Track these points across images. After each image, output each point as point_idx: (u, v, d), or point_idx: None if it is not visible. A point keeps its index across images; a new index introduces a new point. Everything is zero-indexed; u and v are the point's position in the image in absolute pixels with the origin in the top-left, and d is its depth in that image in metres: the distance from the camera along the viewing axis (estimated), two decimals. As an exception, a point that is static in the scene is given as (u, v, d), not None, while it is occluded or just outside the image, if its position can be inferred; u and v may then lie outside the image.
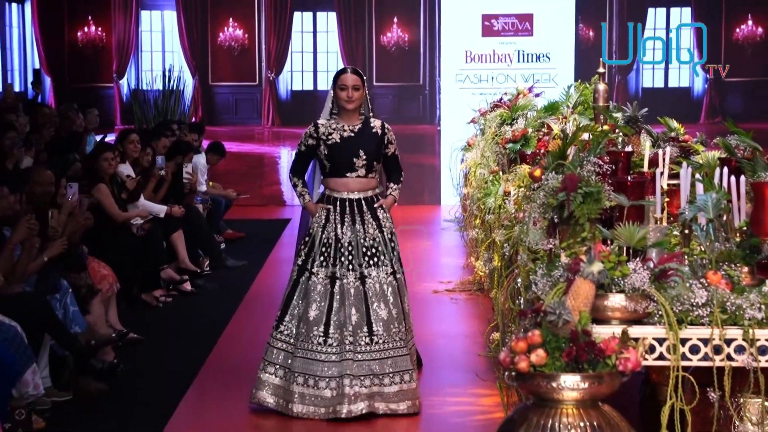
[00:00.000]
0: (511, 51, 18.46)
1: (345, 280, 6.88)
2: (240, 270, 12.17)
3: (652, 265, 5.08)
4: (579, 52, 18.56)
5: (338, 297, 6.86)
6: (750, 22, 20.09)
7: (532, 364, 4.79)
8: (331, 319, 6.83)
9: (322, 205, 7.05)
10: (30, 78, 20.11)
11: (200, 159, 13.60)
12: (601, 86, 7.38)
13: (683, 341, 4.98)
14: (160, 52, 20.73)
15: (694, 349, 5.00)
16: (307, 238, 7.04)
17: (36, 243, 7.53)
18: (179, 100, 20.14)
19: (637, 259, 5.12)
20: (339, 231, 6.95)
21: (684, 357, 4.98)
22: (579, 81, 9.95)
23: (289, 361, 6.85)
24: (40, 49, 20.58)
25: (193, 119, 19.50)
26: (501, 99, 11.97)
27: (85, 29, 20.72)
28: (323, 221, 6.99)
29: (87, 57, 20.51)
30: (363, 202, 7.06)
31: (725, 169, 5.62)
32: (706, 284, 5.02)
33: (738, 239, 5.36)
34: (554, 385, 4.79)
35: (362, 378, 6.73)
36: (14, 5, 20.57)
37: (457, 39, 18.42)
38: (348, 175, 7.04)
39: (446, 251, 13.42)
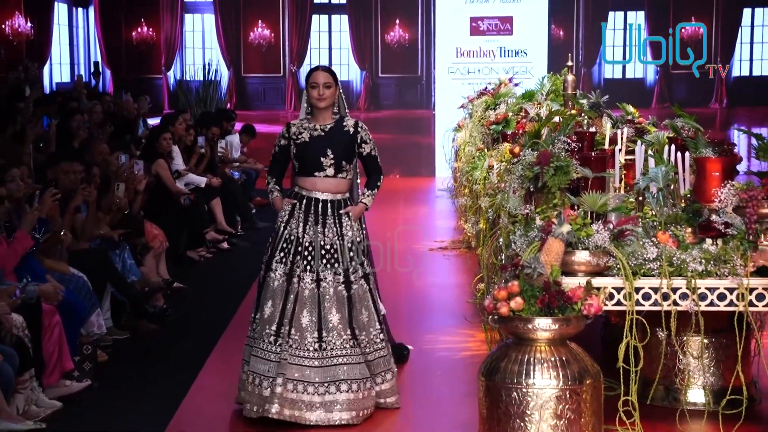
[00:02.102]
0: (494, 48, 18.39)
1: (302, 282, 5.64)
2: (268, 230, 12.12)
3: (611, 226, 5.09)
4: (551, 49, 18.50)
5: (292, 297, 5.62)
6: (693, 21, 19.97)
7: (512, 309, 4.81)
8: (284, 318, 5.60)
9: (288, 199, 5.85)
10: (91, 69, 20.09)
11: (234, 138, 13.58)
12: (570, 77, 7.36)
13: (637, 290, 4.99)
14: (200, 48, 20.70)
15: (646, 296, 5.01)
16: (273, 234, 5.87)
17: (103, 207, 7.56)
18: (216, 89, 20.13)
19: (599, 221, 5.13)
20: (300, 230, 5.72)
21: (638, 303, 4.99)
22: (551, 73, 9.90)
23: (251, 357, 5.71)
24: (101, 45, 20.54)
25: (228, 105, 19.51)
26: (486, 88, 11.93)
27: (139, 29, 20.67)
28: (286, 217, 5.80)
29: (140, 52, 20.47)
30: (329, 204, 5.79)
31: (673, 147, 5.61)
32: (657, 242, 5.03)
33: (683, 205, 5.37)
34: (530, 326, 4.81)
35: (296, 383, 5.52)
36: (80, 9, 20.54)
37: (449, 37, 18.38)
38: (316, 174, 5.79)
39: (440, 215, 13.40)
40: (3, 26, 17.41)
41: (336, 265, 5.68)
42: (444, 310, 8.23)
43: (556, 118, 6.68)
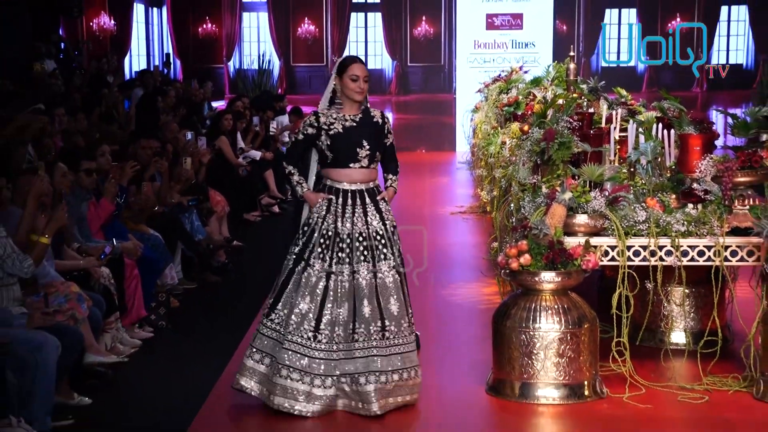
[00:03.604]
0: (507, 40, 18.25)
1: (340, 277, 4.76)
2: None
3: (607, 193, 5.06)
4: (555, 41, 18.35)
5: (332, 293, 4.74)
6: (678, 18, 19.75)
7: (521, 264, 4.81)
8: (323, 315, 4.73)
9: (324, 194, 4.86)
10: (163, 60, 20.17)
11: (284, 119, 13.59)
12: (572, 65, 7.28)
13: (629, 247, 4.96)
14: (256, 42, 20.69)
15: (636, 253, 4.99)
16: (306, 228, 4.90)
17: (174, 177, 7.60)
18: (269, 77, 20.14)
19: (597, 189, 5.10)
20: (339, 224, 4.80)
21: (629, 259, 4.97)
22: (555, 62, 9.81)
23: (276, 349, 4.78)
24: (172, 39, 20.58)
25: (279, 90, 19.50)
26: (499, 75, 11.84)
27: (204, 25, 20.70)
28: (324, 212, 4.84)
29: (205, 45, 20.51)
30: (366, 193, 4.88)
31: (660, 125, 5.56)
32: (646, 207, 5.00)
33: (668, 175, 5.33)
34: (536, 279, 4.81)
35: (367, 375, 4.69)
36: (155, 8, 20.58)
37: (468, 31, 18.25)
38: (351, 165, 4.84)
39: (459, 185, 13.35)
40: (91, 24, 17.47)
41: (386, 251, 4.79)
42: (463, 265, 8.23)
43: (560, 101, 6.63)
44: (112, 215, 6.42)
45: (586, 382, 4.80)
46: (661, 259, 4.95)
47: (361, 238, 4.79)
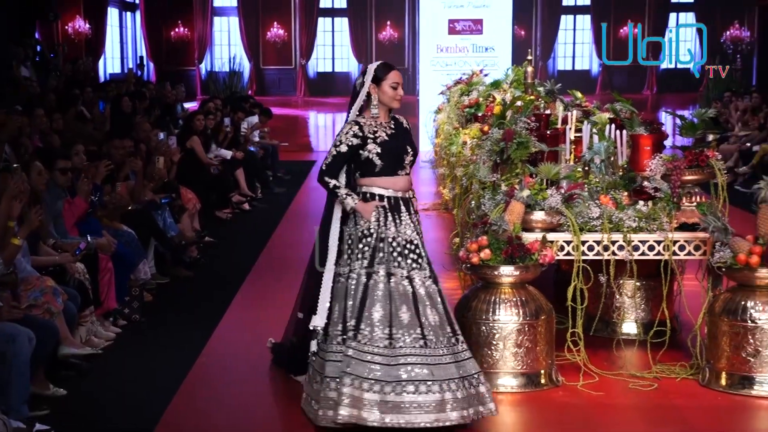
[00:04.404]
0: (468, 45, 18.31)
1: (393, 279, 4.40)
2: (283, 195, 12.17)
3: (563, 191, 5.08)
4: (514, 46, 18.44)
5: (396, 296, 4.36)
6: (630, 24, 19.91)
7: (481, 259, 4.82)
8: (395, 319, 4.32)
9: (376, 203, 4.49)
10: (137, 62, 19.97)
11: (254, 119, 13.53)
12: (529, 68, 7.30)
13: (583, 242, 4.99)
14: (227, 45, 20.56)
15: (590, 248, 5.02)
16: (369, 239, 4.44)
17: (147, 176, 7.53)
18: (240, 79, 20.03)
19: (553, 187, 5.12)
20: (392, 230, 4.47)
21: (583, 253, 5.00)
22: (514, 65, 9.85)
23: (357, 368, 4.23)
24: (146, 43, 20.37)
25: (249, 92, 19.41)
26: (461, 78, 11.87)
27: (176, 29, 20.53)
28: (375, 221, 4.46)
29: (177, 48, 20.34)
30: (402, 202, 4.56)
31: (613, 126, 5.60)
32: (599, 204, 5.03)
33: (621, 173, 5.36)
34: (496, 273, 4.82)
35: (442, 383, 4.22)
36: (128, 12, 20.38)
37: (431, 36, 18.30)
38: (399, 173, 4.53)
39: (423, 182, 13.36)
40: (66, 27, 17.27)
41: (421, 261, 4.46)
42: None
43: (518, 103, 6.65)
44: (87, 213, 6.34)
45: (542, 371, 4.82)
46: (613, 253, 4.99)
47: (404, 246, 4.46)
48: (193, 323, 6.20)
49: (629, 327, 5.69)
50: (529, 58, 7.52)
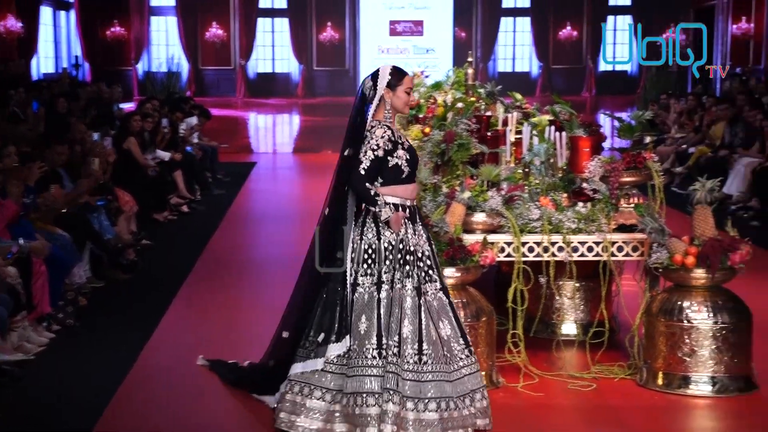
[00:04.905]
0: (409, 46, 18.41)
1: (428, 294, 4.31)
2: (222, 197, 12.07)
3: (503, 192, 5.12)
4: (455, 47, 18.55)
5: (425, 309, 4.27)
6: (569, 27, 20.17)
7: (422, 259, 4.81)
8: (424, 334, 4.24)
9: (402, 213, 4.33)
10: (72, 62, 19.60)
11: (192, 120, 13.39)
12: (470, 70, 7.35)
13: (523, 244, 5.03)
14: (165, 45, 20.31)
15: (531, 249, 5.06)
16: (397, 251, 4.27)
17: (82, 178, 7.40)
18: (178, 79, 19.81)
19: (494, 189, 5.16)
20: (414, 240, 4.33)
21: (524, 255, 5.04)
22: (455, 67, 9.90)
23: (398, 385, 4.14)
24: (81, 42, 20.01)
25: (188, 92, 19.21)
26: (401, 79, 11.88)
27: (113, 29, 20.21)
28: (404, 231, 4.32)
29: (113, 48, 20.03)
30: (416, 210, 4.46)
31: (552, 128, 5.66)
32: (539, 205, 5.08)
33: (560, 175, 5.42)
34: (437, 273, 4.82)
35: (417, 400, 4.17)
36: (63, 11, 19.99)
37: (372, 37, 18.35)
38: (414, 181, 4.43)
39: (364, 183, 13.36)
40: (-4, 25, 16.87)
41: (431, 272, 4.33)
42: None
43: (459, 104, 6.68)
44: (18, 215, 6.20)
45: (483, 373, 4.84)
46: (553, 254, 5.04)
47: (420, 257, 4.33)
48: (129, 327, 6.10)
49: (569, 328, 5.76)
50: (470, 59, 7.57)
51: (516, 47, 20.53)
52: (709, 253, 4.72)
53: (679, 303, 4.81)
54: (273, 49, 20.72)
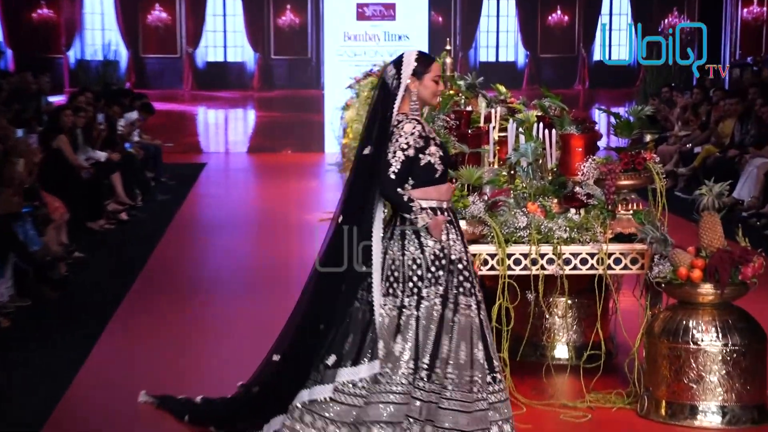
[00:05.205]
0: (379, 32, 18.44)
1: (459, 308, 4.30)
2: (167, 203, 12.03)
3: (486, 197, 5.13)
4: (431, 33, 18.62)
5: (456, 326, 4.28)
6: (559, 11, 20.31)
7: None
8: (459, 356, 4.27)
9: (443, 217, 4.31)
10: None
11: (133, 115, 13.33)
12: (448, 60, 7.36)
13: (509, 255, 5.04)
14: (100, 30, 20.17)
15: (517, 262, 5.07)
16: (443, 261, 4.26)
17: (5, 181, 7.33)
18: (116, 69, 19.70)
19: (475, 193, 5.17)
20: (458, 247, 4.34)
21: (509, 268, 5.05)
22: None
23: (432, 412, 4.23)
24: (3, 26, 19.81)
25: (127, 84, 19.11)
26: (371, 69, 11.91)
27: (39, 11, 20.05)
28: (446, 238, 4.32)
29: (41, 33, 19.87)
30: (453, 213, 4.46)
31: (541, 124, 5.68)
32: (526, 212, 5.09)
33: (550, 177, 5.44)
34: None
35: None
36: (-20, -10, 19.79)
37: (337, 22, 18.37)
38: (447, 179, 4.44)
39: (329, 188, 13.36)
40: None
41: (468, 285, 4.32)
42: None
43: (436, 98, 6.68)
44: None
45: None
46: (542, 267, 5.05)
47: (463, 264, 4.33)
48: (58, 353, 6.03)
49: (560, 351, 5.78)
50: (448, 47, 7.58)
51: (500, 34, 20.63)
52: (717, 265, 4.76)
53: (685, 322, 4.84)
54: (225, 35, 20.65)
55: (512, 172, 5.54)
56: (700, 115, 13.83)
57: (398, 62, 4.41)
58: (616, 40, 20.18)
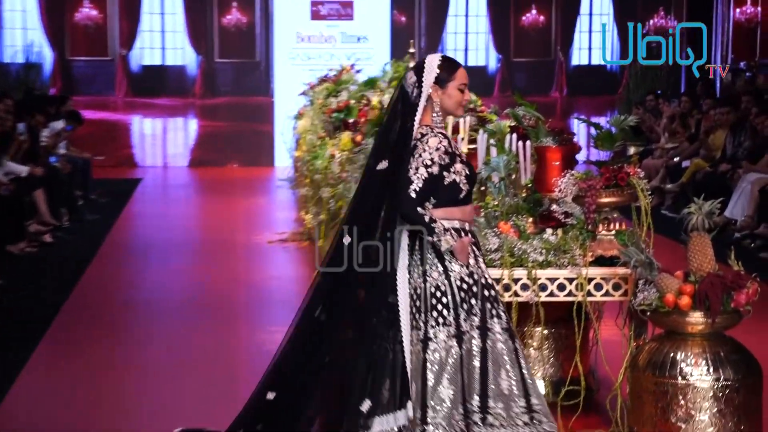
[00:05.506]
0: (336, 33, 18.49)
1: (493, 335, 4.36)
2: (97, 223, 11.94)
3: (453, 217, 5.13)
4: (393, 34, 18.68)
5: (490, 356, 4.34)
6: (534, 11, 20.46)
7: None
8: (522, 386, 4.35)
9: (468, 239, 4.35)
10: None
11: (59, 125, 13.24)
12: (412, 64, 7.41)
13: (479, 281, 5.03)
14: (21, 29, 20.02)
15: (488, 288, 5.07)
16: (474, 288, 4.33)
17: None
18: (39, 73, 19.55)
19: (441, 212, 5.17)
20: (481, 271, 4.42)
21: (479, 295, 5.04)
22: (393, 59, 9.97)
23: None
24: None
25: (52, 90, 18.98)
26: (327, 74, 11.96)
27: (-48, 8, 19.87)
28: (472, 261, 4.38)
29: (-47, 32, 19.69)
30: (474, 234, 4.52)
31: (514, 136, 5.71)
32: (498, 233, 5.10)
33: (524, 194, 5.46)
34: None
35: None
36: None
37: (289, 22, 18.40)
38: (472, 200, 4.50)
39: (280, 206, 13.35)
40: None
41: (497, 306, 4.39)
42: (283, 305, 8.18)
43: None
44: None
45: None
46: (516, 294, 5.06)
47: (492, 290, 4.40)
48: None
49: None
50: (412, 50, 7.65)
51: (469, 35, 20.75)
52: (708, 292, 4.79)
53: (672, 355, 4.86)
54: (163, 36, 20.58)
55: (482, 188, 5.56)
56: (689, 126, 13.93)
57: (419, 68, 4.39)
58: (597, 42, 20.38)
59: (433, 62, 4.38)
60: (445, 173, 4.27)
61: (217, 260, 10.02)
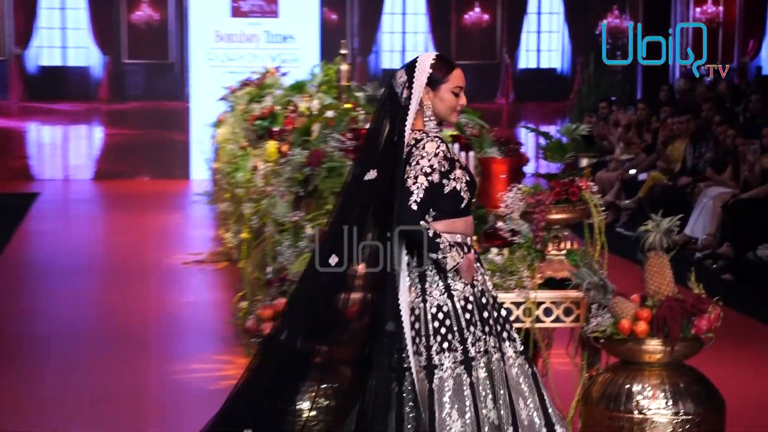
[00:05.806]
0: (259, 32, 18.47)
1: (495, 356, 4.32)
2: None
3: (389, 235, 5.15)
4: (323, 34, 18.72)
5: (503, 383, 4.31)
6: (477, 9, 20.58)
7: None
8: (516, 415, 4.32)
9: (472, 255, 4.33)
10: None
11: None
12: (344, 67, 7.45)
13: (418, 306, 5.05)
14: None
15: (428, 314, 5.09)
16: (488, 306, 4.31)
17: None
18: None
19: (376, 230, 5.19)
20: (486, 289, 4.39)
21: (418, 321, 5.06)
22: (323, 61, 10.00)
23: None
24: None
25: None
26: (249, 78, 11.95)
27: None
28: (483, 278, 4.38)
29: None
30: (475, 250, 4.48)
31: (456, 145, 5.75)
32: (439, 253, 5.13)
33: (467, 211, 5.50)
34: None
35: None
36: None
37: (206, 19, 18.34)
38: (470, 211, 4.45)
39: (196, 224, 13.29)
40: None
41: (509, 328, 4.39)
42: (199, 333, 8.16)
43: (329, 113, 6.73)
44: None
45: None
46: (458, 320, 5.10)
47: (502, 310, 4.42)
48: None
49: (481, 421, 5.81)
50: (344, 52, 7.67)
51: (406, 35, 20.84)
52: (666, 317, 4.84)
53: (628, 386, 4.91)
54: (64, 33, 20.43)
55: (421, 204, 5.59)
56: (646, 136, 14.02)
57: (411, 68, 4.33)
58: (546, 43, 20.56)
59: (426, 61, 4.31)
60: (444, 181, 4.22)
61: (126, 285, 9.93)
